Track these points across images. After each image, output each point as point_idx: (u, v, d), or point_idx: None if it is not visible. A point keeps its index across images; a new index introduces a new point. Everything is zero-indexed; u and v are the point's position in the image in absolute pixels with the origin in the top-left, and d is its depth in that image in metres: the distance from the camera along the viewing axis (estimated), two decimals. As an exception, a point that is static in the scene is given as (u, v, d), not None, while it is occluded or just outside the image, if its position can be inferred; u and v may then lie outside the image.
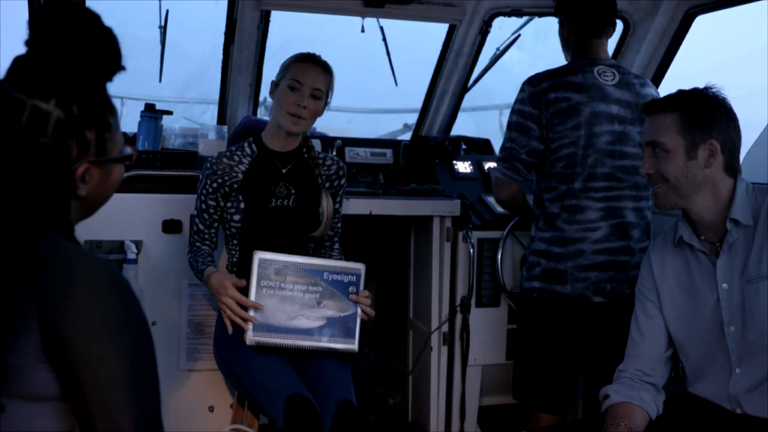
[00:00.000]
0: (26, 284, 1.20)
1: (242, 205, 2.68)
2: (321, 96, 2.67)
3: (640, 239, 2.78)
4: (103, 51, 1.31)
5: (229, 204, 2.69)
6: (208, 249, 2.74)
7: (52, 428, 1.25)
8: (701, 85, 2.23)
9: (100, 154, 1.34)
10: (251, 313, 2.50)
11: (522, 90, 2.84)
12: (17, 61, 1.29)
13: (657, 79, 3.76)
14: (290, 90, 2.63)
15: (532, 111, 2.77)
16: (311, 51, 2.73)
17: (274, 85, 2.71)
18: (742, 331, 2.16)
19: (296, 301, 2.53)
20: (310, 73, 2.65)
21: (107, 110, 1.36)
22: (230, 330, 2.53)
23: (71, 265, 1.24)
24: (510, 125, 2.84)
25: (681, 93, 2.23)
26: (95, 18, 1.32)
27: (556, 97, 2.74)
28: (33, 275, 1.20)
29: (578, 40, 2.87)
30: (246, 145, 2.76)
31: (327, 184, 2.80)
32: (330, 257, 2.86)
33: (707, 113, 2.17)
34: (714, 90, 2.21)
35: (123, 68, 1.35)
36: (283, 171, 2.74)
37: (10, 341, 1.19)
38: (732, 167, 2.20)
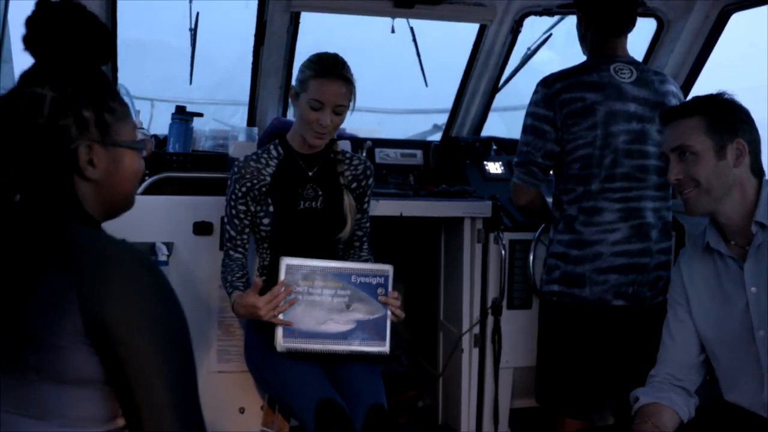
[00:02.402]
0: (63, 268, 1.23)
1: (271, 209, 2.65)
2: (343, 111, 2.59)
3: (659, 240, 2.73)
4: (89, 36, 1.39)
5: (258, 208, 2.67)
6: (241, 258, 2.69)
7: (95, 413, 1.28)
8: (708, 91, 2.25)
9: (104, 136, 1.39)
10: (281, 318, 2.48)
11: (536, 92, 2.79)
12: (25, 73, 1.39)
13: (691, 79, 3.71)
14: (312, 110, 2.55)
15: (546, 113, 2.73)
16: (341, 53, 2.61)
17: (295, 94, 2.61)
18: (773, 336, 2.12)
19: (325, 305, 2.51)
20: (332, 92, 2.53)
21: (108, 95, 1.41)
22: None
23: (106, 252, 1.28)
24: (525, 128, 2.80)
25: (698, 98, 2.25)
26: (80, 8, 1.39)
27: (570, 98, 2.69)
28: (69, 260, 1.24)
29: (596, 38, 2.81)
30: (272, 147, 2.72)
31: (354, 185, 2.76)
32: (359, 257, 2.84)
33: (731, 113, 2.18)
34: (729, 95, 2.22)
35: (112, 49, 1.41)
36: (310, 174, 2.71)
37: (51, 322, 1.22)
38: (757, 168, 2.20)
